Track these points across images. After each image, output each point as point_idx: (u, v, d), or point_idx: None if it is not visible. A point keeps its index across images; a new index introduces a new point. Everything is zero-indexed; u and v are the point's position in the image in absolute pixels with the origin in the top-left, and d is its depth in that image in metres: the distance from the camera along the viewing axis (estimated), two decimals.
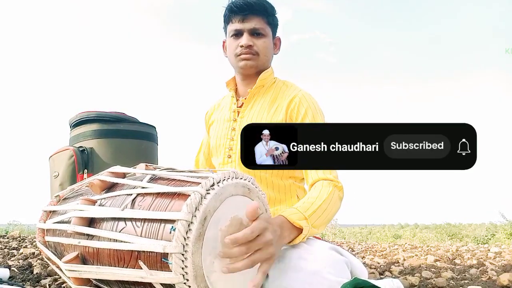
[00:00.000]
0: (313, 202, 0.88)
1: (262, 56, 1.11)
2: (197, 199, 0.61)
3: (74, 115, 1.84)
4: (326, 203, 0.89)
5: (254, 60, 1.10)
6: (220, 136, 1.17)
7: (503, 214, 8.21)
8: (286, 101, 1.09)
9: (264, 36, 1.10)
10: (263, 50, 1.11)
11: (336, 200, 0.93)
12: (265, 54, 1.11)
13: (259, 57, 1.10)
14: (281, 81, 1.18)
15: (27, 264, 1.68)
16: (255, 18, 1.09)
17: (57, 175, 1.69)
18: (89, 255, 0.74)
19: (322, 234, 6.58)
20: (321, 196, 0.90)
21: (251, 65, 1.10)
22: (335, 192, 0.94)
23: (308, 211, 0.84)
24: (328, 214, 0.89)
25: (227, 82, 1.21)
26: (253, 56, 1.09)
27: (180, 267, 0.60)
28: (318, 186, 0.95)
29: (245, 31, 1.09)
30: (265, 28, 1.10)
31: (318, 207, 0.87)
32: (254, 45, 1.09)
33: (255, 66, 1.11)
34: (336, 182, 0.96)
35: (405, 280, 1.46)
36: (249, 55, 1.09)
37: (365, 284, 0.76)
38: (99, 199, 0.78)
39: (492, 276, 1.59)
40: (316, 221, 0.85)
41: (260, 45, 1.10)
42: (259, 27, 1.09)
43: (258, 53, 1.10)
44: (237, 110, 1.16)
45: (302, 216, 0.82)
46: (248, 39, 1.08)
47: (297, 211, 0.83)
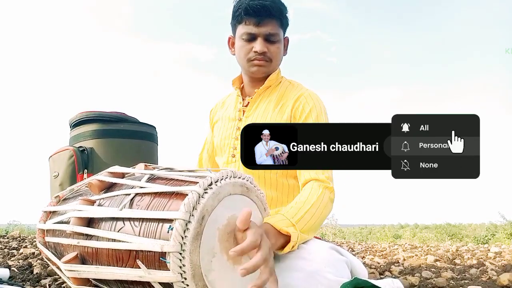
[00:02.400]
0: (301, 207, 0.86)
1: (275, 62, 1.10)
2: (194, 198, 0.61)
3: (74, 115, 1.84)
4: (314, 207, 0.87)
5: (267, 66, 1.09)
6: (225, 135, 1.16)
7: (503, 214, 8.21)
8: (291, 100, 1.08)
9: (278, 42, 1.08)
10: (276, 56, 1.10)
11: (326, 203, 0.91)
12: (277, 59, 1.11)
13: (271, 63, 1.09)
14: (287, 81, 1.17)
15: (27, 264, 1.69)
16: (270, 22, 1.06)
17: (57, 175, 1.69)
18: (88, 255, 0.74)
19: (322, 234, 6.59)
20: (309, 200, 0.88)
21: (263, 71, 1.09)
22: (325, 194, 0.91)
23: (295, 216, 0.82)
24: (317, 218, 0.87)
25: (233, 80, 1.20)
26: (266, 63, 1.08)
27: (178, 266, 0.60)
28: (307, 188, 0.93)
29: (260, 36, 1.06)
30: (279, 33, 1.08)
31: (306, 212, 0.85)
32: (268, 51, 1.07)
33: (267, 71, 1.11)
34: (327, 183, 0.94)
35: (405, 280, 1.46)
36: (263, 61, 1.08)
37: (365, 284, 0.76)
38: (97, 199, 0.78)
39: (492, 276, 1.59)
40: (304, 226, 0.83)
41: (274, 51, 1.08)
42: (274, 32, 1.06)
43: (271, 59, 1.09)
44: (242, 109, 1.15)
45: (289, 222, 0.80)
46: (262, 45, 1.06)
47: (284, 218, 0.81)
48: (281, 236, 0.79)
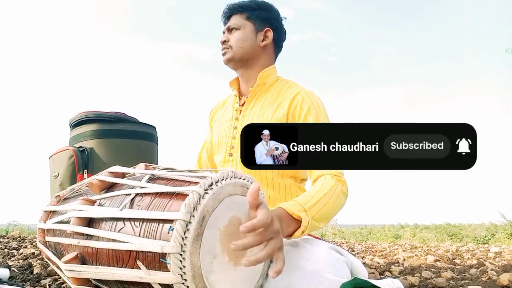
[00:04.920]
0: (314, 195, 0.86)
1: (236, 47, 1.15)
2: (195, 199, 0.61)
3: (74, 115, 1.84)
4: (327, 196, 0.87)
5: (228, 53, 1.16)
6: (222, 134, 1.18)
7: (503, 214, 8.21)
8: (288, 98, 1.09)
9: (237, 30, 1.17)
10: (235, 41, 1.16)
11: (339, 194, 0.91)
12: (239, 45, 1.16)
13: (232, 49, 1.16)
14: (283, 80, 1.18)
15: (27, 264, 1.69)
16: (233, 16, 1.18)
17: (57, 175, 1.69)
18: (88, 255, 0.74)
19: (322, 234, 6.59)
20: (323, 189, 0.88)
21: (227, 58, 1.16)
22: (338, 186, 0.92)
23: (308, 203, 0.82)
24: (330, 208, 0.87)
25: (231, 81, 1.23)
26: (227, 50, 1.16)
27: (178, 267, 0.60)
28: (320, 180, 0.94)
29: (225, 30, 1.19)
30: (240, 24, 1.17)
31: (318, 200, 0.85)
32: (228, 40, 1.16)
33: (231, 58, 1.16)
34: (339, 176, 0.95)
35: (405, 280, 1.46)
36: (224, 50, 1.17)
37: (365, 284, 0.75)
38: (98, 199, 0.78)
39: (492, 276, 1.58)
40: (316, 214, 0.83)
41: (232, 39, 1.16)
42: (234, 23, 1.17)
43: (231, 46, 1.16)
44: (239, 108, 1.17)
45: (302, 207, 0.80)
46: (223, 36, 1.18)
47: (297, 203, 0.81)
48: (293, 221, 0.78)
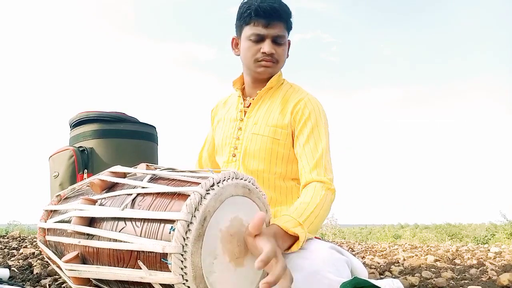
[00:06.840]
0: (306, 207, 0.88)
1: (280, 63, 1.13)
2: (196, 199, 0.61)
3: (74, 115, 1.84)
4: (319, 208, 0.90)
5: (273, 67, 1.11)
6: (226, 135, 1.17)
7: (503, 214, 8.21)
8: (291, 104, 1.09)
9: (284, 44, 1.11)
10: (282, 57, 1.12)
11: (328, 205, 0.94)
12: (282, 61, 1.14)
13: (278, 65, 1.12)
14: (288, 84, 1.19)
15: (27, 264, 1.69)
16: (278, 24, 1.07)
17: (57, 175, 1.69)
18: (89, 255, 0.74)
19: (322, 234, 6.58)
20: (313, 201, 0.90)
21: (270, 72, 1.12)
22: (327, 196, 0.94)
23: (302, 217, 0.85)
24: (320, 219, 0.90)
25: (234, 81, 1.21)
26: (273, 64, 1.11)
27: (179, 267, 0.60)
28: (310, 189, 0.95)
29: (268, 37, 1.08)
30: (285, 36, 1.11)
31: (311, 212, 0.87)
32: (275, 53, 1.09)
33: (272, 72, 1.13)
34: (329, 184, 0.97)
35: (405, 280, 1.46)
36: (270, 62, 1.10)
37: (365, 283, 0.76)
38: (99, 199, 0.78)
39: (492, 276, 1.59)
40: (309, 226, 0.85)
41: (280, 53, 1.11)
42: (281, 34, 1.08)
43: (278, 60, 1.11)
44: (244, 110, 1.17)
45: (297, 222, 0.83)
46: (271, 46, 1.08)
47: (291, 218, 0.83)
48: (289, 237, 0.80)
